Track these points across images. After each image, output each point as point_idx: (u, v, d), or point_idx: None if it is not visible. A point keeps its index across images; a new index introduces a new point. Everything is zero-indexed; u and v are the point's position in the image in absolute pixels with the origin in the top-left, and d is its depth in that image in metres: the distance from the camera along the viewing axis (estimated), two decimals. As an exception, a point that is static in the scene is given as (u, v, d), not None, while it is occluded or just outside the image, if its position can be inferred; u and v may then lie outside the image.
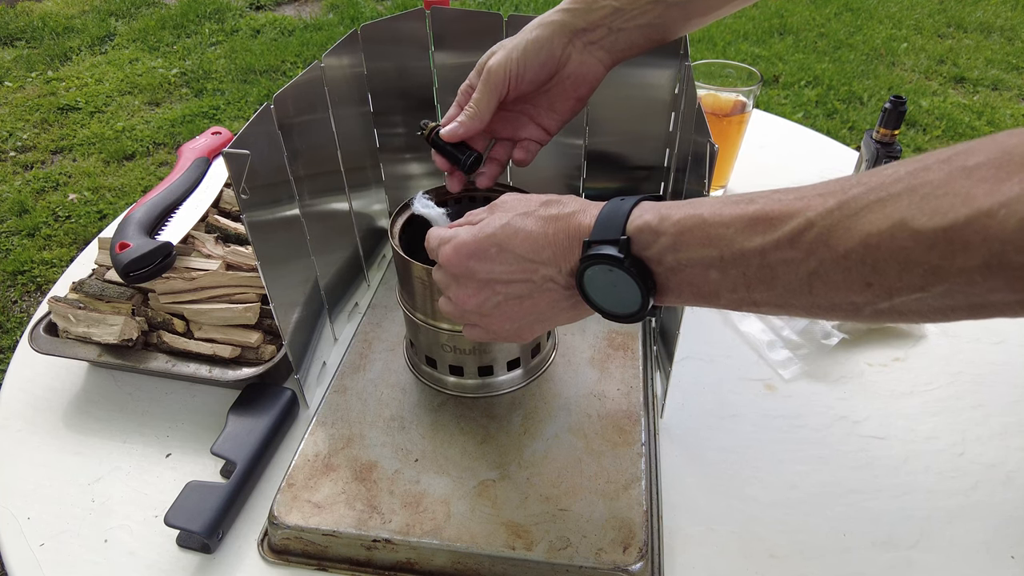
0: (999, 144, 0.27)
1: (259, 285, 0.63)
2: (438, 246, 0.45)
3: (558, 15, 0.54)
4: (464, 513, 0.50)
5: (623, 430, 0.56)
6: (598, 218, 0.40)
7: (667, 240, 0.37)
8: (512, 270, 0.42)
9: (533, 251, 0.41)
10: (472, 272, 0.43)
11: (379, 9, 3.31)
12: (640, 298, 0.39)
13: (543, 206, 0.42)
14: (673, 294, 0.38)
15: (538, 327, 0.46)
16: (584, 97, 0.57)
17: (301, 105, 0.58)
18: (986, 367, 0.65)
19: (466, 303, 0.44)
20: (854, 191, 0.30)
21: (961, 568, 0.50)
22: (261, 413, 0.58)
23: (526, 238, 0.41)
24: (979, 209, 0.26)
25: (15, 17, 3.19)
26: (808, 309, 0.34)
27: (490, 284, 0.43)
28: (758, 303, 0.35)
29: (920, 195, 0.28)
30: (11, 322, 1.72)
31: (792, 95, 2.53)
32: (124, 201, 2.09)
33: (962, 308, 0.29)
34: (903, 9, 3.17)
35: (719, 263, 0.35)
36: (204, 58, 2.87)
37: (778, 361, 0.66)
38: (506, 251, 0.42)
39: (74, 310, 0.63)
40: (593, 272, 0.39)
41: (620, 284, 0.39)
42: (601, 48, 0.54)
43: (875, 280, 0.30)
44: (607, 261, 0.38)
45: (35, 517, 0.54)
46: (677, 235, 0.36)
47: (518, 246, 0.41)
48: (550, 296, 0.43)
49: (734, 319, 0.70)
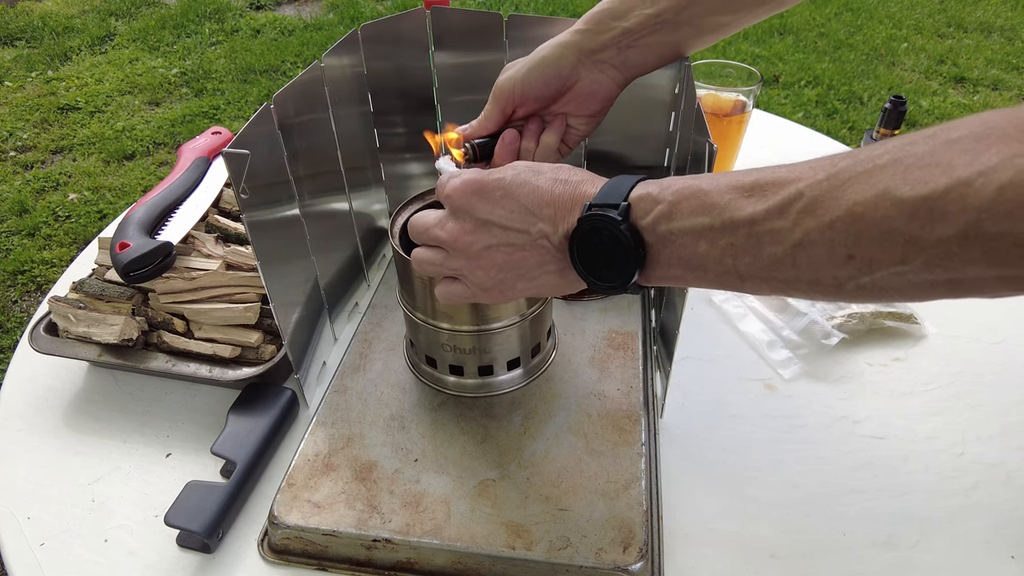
0: (982, 119, 0.28)
1: (259, 285, 0.63)
2: (447, 181, 0.45)
3: (569, 36, 0.55)
4: (464, 513, 0.50)
5: (623, 430, 0.56)
6: (603, 187, 0.41)
7: (664, 208, 0.37)
8: (512, 217, 0.42)
9: (536, 205, 0.42)
10: (473, 208, 0.43)
11: (379, 9, 3.31)
12: (629, 265, 0.39)
13: (554, 171, 0.43)
14: (661, 268, 0.39)
15: (520, 285, 0.44)
16: (597, 114, 0.58)
17: (301, 105, 0.58)
18: (986, 367, 0.65)
19: (458, 239, 0.44)
20: (843, 163, 0.31)
21: (961, 568, 0.50)
22: (261, 413, 0.58)
23: (532, 191, 0.42)
24: (958, 178, 0.27)
25: (15, 17, 3.19)
26: (791, 284, 0.34)
27: (487, 225, 0.43)
28: (743, 276, 0.35)
29: (904, 166, 0.29)
30: (11, 322, 1.72)
31: (792, 95, 2.53)
32: (124, 201, 2.09)
33: (941, 284, 0.29)
34: (903, 9, 3.17)
35: (709, 232, 0.35)
36: (204, 58, 2.87)
37: (778, 361, 0.66)
38: (510, 197, 0.42)
39: (74, 310, 0.63)
40: (588, 232, 0.40)
41: (611, 249, 0.39)
42: (612, 67, 0.55)
43: (857, 252, 0.30)
44: (604, 222, 0.38)
45: (35, 517, 0.54)
46: (674, 203, 0.37)
47: (523, 196, 0.42)
48: (540, 254, 0.42)
49: (734, 319, 0.70)
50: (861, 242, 0.30)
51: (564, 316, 0.67)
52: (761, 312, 0.71)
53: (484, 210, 0.43)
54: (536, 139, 0.58)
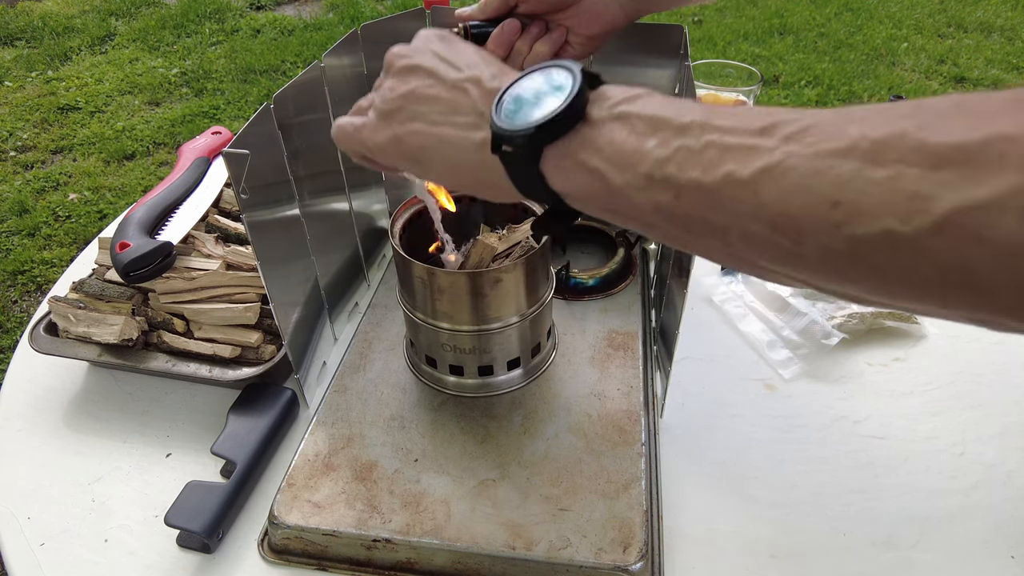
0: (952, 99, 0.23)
1: (259, 285, 0.63)
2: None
3: None
4: (464, 513, 0.50)
5: (623, 430, 0.56)
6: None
7: (630, 95, 0.30)
8: (451, 55, 0.36)
9: (485, 58, 0.36)
10: (428, 40, 0.38)
11: (379, 9, 3.31)
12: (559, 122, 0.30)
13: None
14: (585, 152, 0.30)
15: (413, 126, 0.36)
16: (597, 37, 0.55)
17: (301, 105, 0.58)
18: (986, 367, 0.65)
19: (401, 51, 0.38)
20: (860, 111, 0.25)
21: (961, 568, 0.50)
22: (261, 413, 0.58)
23: (487, 55, 0.37)
24: (1001, 132, 0.21)
25: (15, 17, 3.19)
26: (727, 230, 0.26)
27: (418, 67, 0.36)
28: (672, 200, 0.27)
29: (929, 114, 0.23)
30: (11, 322, 1.72)
31: (792, 95, 2.53)
32: (124, 201, 2.09)
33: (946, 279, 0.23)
34: (903, 9, 3.17)
35: (667, 127, 0.28)
36: (204, 58, 2.87)
37: (778, 361, 0.66)
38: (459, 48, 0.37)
39: (74, 310, 0.63)
40: (527, 82, 0.32)
41: (546, 95, 0.31)
42: None
43: (847, 199, 0.23)
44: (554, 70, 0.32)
45: (35, 517, 0.54)
46: (644, 94, 0.30)
47: (477, 52, 0.37)
48: (457, 97, 0.35)
49: (734, 319, 0.71)
50: (855, 186, 0.23)
51: (564, 316, 0.67)
52: (761, 312, 0.71)
53: (425, 52, 0.37)
54: (531, 43, 0.53)
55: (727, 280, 0.75)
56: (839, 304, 0.69)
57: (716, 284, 0.75)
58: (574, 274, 0.70)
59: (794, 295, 0.71)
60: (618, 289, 0.71)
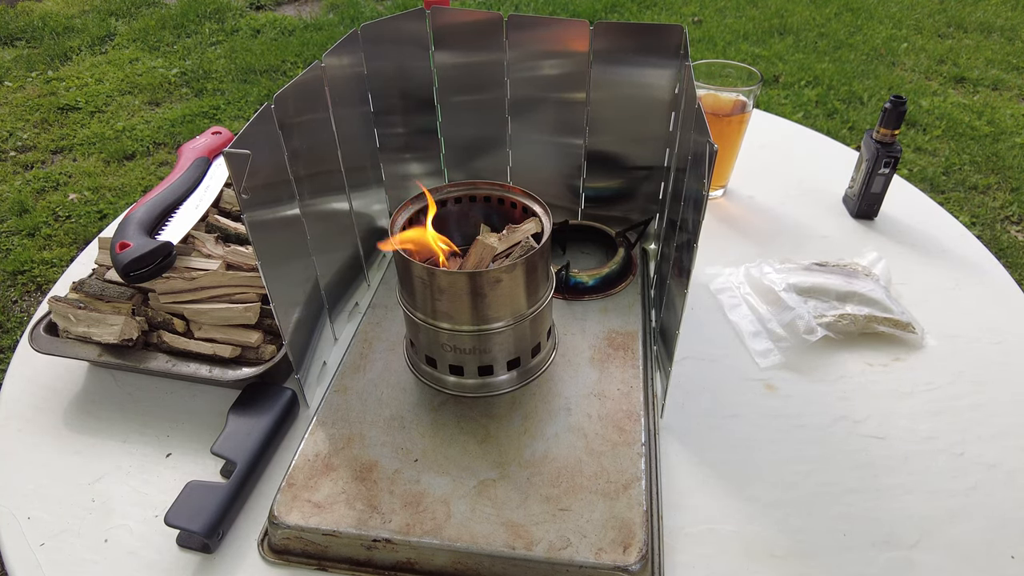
0: None
1: (259, 285, 0.63)
2: None
3: None
4: (464, 513, 0.50)
5: (623, 430, 0.56)
6: None
7: None
8: None
9: None
10: None
11: (379, 9, 3.31)
12: None
13: None
14: None
15: None
16: None
17: (301, 105, 0.58)
18: (986, 367, 0.65)
19: None
20: None
21: (961, 568, 0.50)
22: (261, 413, 0.58)
23: None
24: None
25: (15, 17, 3.19)
26: None
27: None
28: None
29: None
30: (11, 322, 1.71)
31: (792, 95, 2.53)
32: (124, 201, 2.09)
33: None
34: (903, 9, 3.16)
35: None
36: (204, 58, 2.87)
37: (757, 351, 0.66)
38: None
39: (74, 310, 0.63)
40: None
41: None
42: None
43: None
44: None
45: (35, 517, 0.54)
46: None
47: None
48: None
49: (726, 308, 0.71)
50: None
51: (564, 316, 0.67)
52: (753, 304, 0.71)
53: None
54: None
55: (728, 270, 0.75)
56: (832, 304, 0.69)
57: (716, 273, 0.75)
58: (574, 274, 0.70)
59: (787, 290, 0.71)
60: (618, 289, 0.71)
